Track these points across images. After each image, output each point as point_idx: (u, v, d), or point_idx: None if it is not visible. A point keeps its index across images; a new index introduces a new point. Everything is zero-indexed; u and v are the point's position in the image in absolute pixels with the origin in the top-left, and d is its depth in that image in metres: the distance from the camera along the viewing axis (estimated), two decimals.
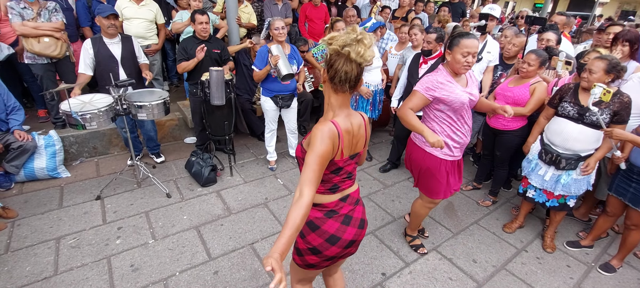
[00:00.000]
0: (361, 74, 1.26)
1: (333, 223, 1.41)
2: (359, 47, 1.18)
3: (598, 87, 2.09)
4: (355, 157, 1.43)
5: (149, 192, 3.21)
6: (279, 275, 0.95)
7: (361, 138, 1.40)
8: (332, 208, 1.41)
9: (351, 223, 1.45)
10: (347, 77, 1.22)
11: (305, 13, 5.23)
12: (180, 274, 2.33)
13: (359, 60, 1.20)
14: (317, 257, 1.44)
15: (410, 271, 2.49)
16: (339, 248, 1.42)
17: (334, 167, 1.35)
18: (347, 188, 1.45)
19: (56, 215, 2.84)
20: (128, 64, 3.25)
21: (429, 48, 3.15)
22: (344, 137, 1.30)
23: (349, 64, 1.21)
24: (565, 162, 2.39)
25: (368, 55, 1.20)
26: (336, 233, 1.41)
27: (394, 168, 3.94)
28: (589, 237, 2.80)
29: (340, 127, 1.28)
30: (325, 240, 1.40)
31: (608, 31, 3.23)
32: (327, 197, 1.41)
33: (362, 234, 1.51)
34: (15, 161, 3.08)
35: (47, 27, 3.30)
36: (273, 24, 3.22)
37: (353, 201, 1.48)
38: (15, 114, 3.10)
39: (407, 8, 5.75)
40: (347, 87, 1.25)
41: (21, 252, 2.45)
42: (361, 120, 1.40)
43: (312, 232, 1.42)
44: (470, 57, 1.94)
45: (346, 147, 1.33)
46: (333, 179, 1.39)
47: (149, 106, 2.89)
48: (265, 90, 3.43)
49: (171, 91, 5.26)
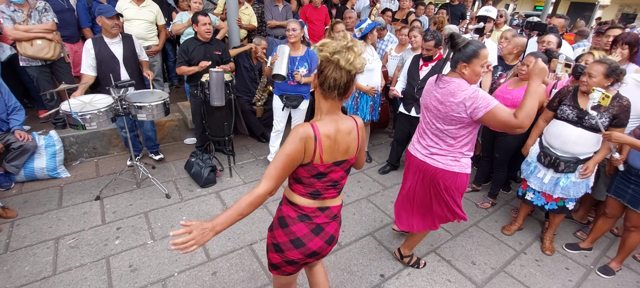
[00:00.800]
0: (351, 82, 1.25)
1: (303, 227, 1.41)
2: (348, 54, 1.18)
3: (597, 91, 2.09)
4: (344, 164, 1.39)
5: (148, 192, 3.22)
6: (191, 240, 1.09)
7: (351, 144, 1.37)
8: (307, 213, 1.41)
9: (320, 235, 1.44)
10: (336, 83, 1.22)
11: (305, 15, 5.24)
12: (178, 275, 2.33)
13: (349, 67, 1.20)
14: (279, 257, 1.45)
15: (408, 273, 2.49)
16: (301, 255, 1.42)
17: (315, 171, 1.33)
18: (329, 198, 1.43)
19: (55, 215, 2.85)
20: (130, 63, 3.26)
21: (429, 54, 3.16)
22: (322, 141, 1.28)
23: (338, 71, 1.20)
24: (564, 165, 2.39)
25: (358, 62, 1.20)
26: (302, 238, 1.41)
27: (394, 169, 3.94)
28: (588, 240, 2.80)
29: (318, 130, 1.27)
30: (289, 240, 1.41)
31: (608, 34, 3.24)
32: (306, 201, 1.40)
33: (328, 250, 1.50)
34: (16, 161, 3.09)
35: (38, 28, 3.28)
36: (288, 24, 3.23)
37: (331, 215, 1.46)
38: (16, 114, 3.10)
39: (407, 10, 5.77)
40: (335, 93, 1.25)
41: (20, 251, 2.45)
42: (353, 125, 1.37)
43: (280, 228, 1.43)
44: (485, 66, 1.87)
45: (326, 151, 1.30)
46: (315, 184, 1.37)
47: (149, 107, 2.90)
48: (276, 88, 3.46)
49: (171, 92, 5.28)
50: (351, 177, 3.73)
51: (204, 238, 1.14)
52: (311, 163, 1.31)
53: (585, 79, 2.26)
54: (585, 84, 2.26)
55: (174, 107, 4.47)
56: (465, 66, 1.82)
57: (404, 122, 3.54)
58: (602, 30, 3.59)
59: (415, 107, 3.34)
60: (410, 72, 3.34)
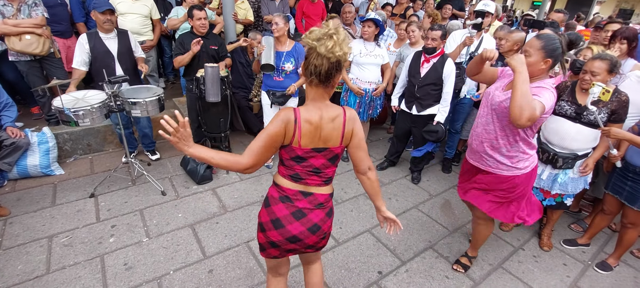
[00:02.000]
0: (333, 69, 1.27)
1: (283, 208, 1.44)
2: (328, 41, 1.21)
3: (597, 86, 2.06)
4: (325, 152, 1.39)
5: (143, 189, 3.18)
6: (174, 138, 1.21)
7: (334, 132, 1.37)
8: (288, 195, 1.44)
9: (302, 220, 1.44)
10: (317, 70, 1.26)
11: (302, 9, 5.19)
12: (174, 273, 2.31)
13: (328, 54, 1.22)
14: (263, 236, 1.49)
15: (406, 269, 2.48)
16: (280, 237, 1.44)
17: (293, 154, 1.37)
18: (312, 185, 1.44)
19: (49, 213, 2.81)
20: (124, 59, 3.21)
21: (434, 45, 3.09)
22: (302, 125, 1.32)
23: (320, 58, 1.24)
24: (562, 161, 2.38)
25: (337, 50, 1.22)
26: (282, 219, 1.43)
27: (392, 166, 3.92)
28: (585, 236, 2.80)
29: (300, 115, 1.32)
30: (271, 220, 1.45)
31: (606, 29, 3.22)
32: (288, 182, 1.43)
33: (311, 239, 1.47)
34: (8, 158, 3.03)
35: (27, 23, 3.20)
36: (271, 19, 3.19)
37: (315, 202, 1.45)
38: (8, 111, 3.04)
39: (405, 5, 5.72)
40: (316, 80, 1.29)
41: (13, 250, 2.41)
42: (338, 112, 1.37)
43: (264, 207, 1.49)
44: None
45: (305, 136, 1.33)
46: (294, 167, 1.40)
47: (143, 103, 2.85)
48: (263, 83, 3.42)
49: (167, 88, 5.22)
50: (348, 173, 3.71)
51: (180, 144, 1.23)
52: (290, 146, 1.36)
53: (588, 77, 2.22)
54: (588, 81, 2.22)
55: (169, 103, 4.42)
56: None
57: (405, 119, 3.49)
58: (600, 25, 3.57)
59: (416, 105, 3.30)
60: (411, 69, 3.28)
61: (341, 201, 3.21)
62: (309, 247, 1.51)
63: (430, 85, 3.17)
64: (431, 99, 3.23)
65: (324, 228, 1.51)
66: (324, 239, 1.56)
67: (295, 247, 1.48)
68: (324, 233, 1.53)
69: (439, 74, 3.11)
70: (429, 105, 3.25)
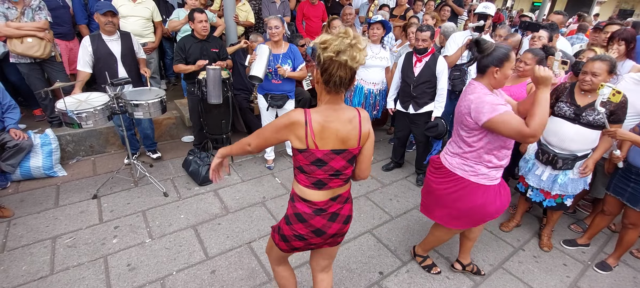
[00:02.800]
0: (354, 77, 1.29)
1: (320, 220, 1.47)
2: (353, 52, 1.19)
3: (607, 87, 2.06)
4: (345, 154, 1.38)
5: (146, 191, 3.20)
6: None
7: (351, 132, 1.35)
8: (320, 207, 1.45)
9: (337, 219, 1.51)
10: (342, 81, 1.25)
11: (302, 11, 5.21)
12: (177, 273, 2.33)
13: (355, 66, 1.22)
14: (302, 243, 1.53)
15: (407, 270, 2.49)
16: (321, 240, 1.53)
17: (313, 158, 1.36)
18: (335, 187, 1.45)
19: (52, 214, 2.83)
20: (127, 61, 3.24)
21: (425, 46, 3.16)
22: (314, 126, 1.31)
23: (344, 69, 1.22)
24: (562, 162, 2.39)
25: (362, 58, 1.22)
26: (322, 228, 1.48)
27: (397, 167, 3.94)
28: (585, 236, 2.81)
29: (310, 115, 1.31)
30: (311, 231, 1.49)
31: (606, 30, 3.24)
32: (315, 193, 1.43)
33: (346, 228, 1.57)
34: (11, 160, 3.06)
35: (29, 27, 3.23)
36: (269, 22, 3.19)
37: (342, 200, 1.52)
38: (11, 113, 3.07)
39: (405, 7, 5.74)
40: (342, 89, 1.29)
41: (17, 251, 2.43)
42: (354, 114, 1.37)
43: (299, 223, 1.48)
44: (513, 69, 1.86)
45: (319, 136, 1.32)
46: (315, 172, 1.39)
47: (145, 105, 2.87)
48: (259, 87, 3.44)
49: (169, 89, 5.24)
50: None
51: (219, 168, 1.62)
52: (307, 150, 1.34)
53: (589, 78, 2.23)
54: (589, 83, 2.24)
55: (171, 104, 4.44)
56: (497, 70, 1.81)
57: (403, 120, 3.53)
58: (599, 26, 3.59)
59: (412, 105, 3.33)
60: (404, 69, 3.33)
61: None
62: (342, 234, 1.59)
63: (425, 84, 3.24)
64: (427, 96, 3.29)
65: (351, 214, 1.60)
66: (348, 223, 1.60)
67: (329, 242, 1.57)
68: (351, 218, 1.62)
69: (433, 71, 3.18)
70: (425, 103, 3.31)
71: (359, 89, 3.72)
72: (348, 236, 2.78)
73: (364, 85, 3.67)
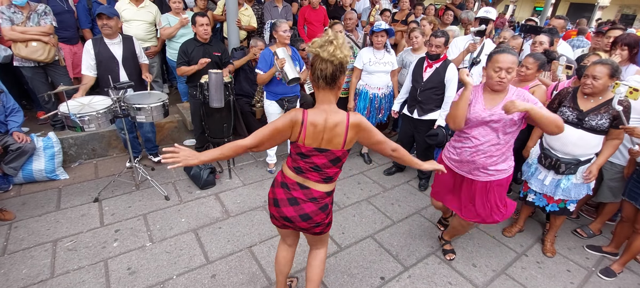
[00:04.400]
0: (337, 72, 1.40)
1: (282, 193, 1.65)
2: (329, 47, 1.36)
3: (622, 85, 2.04)
4: (327, 154, 1.52)
5: (147, 194, 3.20)
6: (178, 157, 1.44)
7: (335, 138, 1.49)
8: (287, 183, 1.63)
9: (295, 207, 1.62)
10: (322, 74, 1.40)
11: (304, 16, 5.23)
12: (177, 278, 2.32)
13: (331, 58, 1.37)
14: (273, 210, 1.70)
15: (409, 275, 2.47)
16: (277, 214, 1.67)
17: (298, 150, 1.54)
18: (311, 180, 1.59)
19: (54, 218, 2.83)
20: (129, 64, 3.25)
21: (438, 52, 3.12)
22: (307, 127, 1.47)
23: (324, 63, 1.38)
24: (564, 166, 2.38)
25: (338, 53, 1.36)
26: (280, 201, 1.65)
27: (399, 171, 3.93)
28: (611, 245, 2.78)
29: (307, 116, 1.47)
30: (272, 199, 1.69)
31: (608, 35, 3.23)
32: (290, 172, 1.63)
33: (302, 224, 1.64)
34: (14, 163, 3.07)
35: (34, 31, 3.26)
36: (280, 26, 3.18)
37: (309, 195, 1.61)
38: (14, 116, 3.08)
39: (406, 11, 5.76)
40: (323, 83, 1.43)
41: (18, 254, 2.43)
42: (341, 119, 1.48)
43: (271, 187, 1.72)
44: (503, 73, 1.91)
45: (309, 136, 1.48)
46: (298, 161, 1.58)
47: (148, 108, 2.88)
48: (269, 93, 3.41)
49: (171, 93, 5.26)
50: (351, 179, 3.72)
51: (189, 160, 1.42)
52: (296, 143, 1.54)
53: (590, 82, 2.23)
54: (590, 86, 2.23)
55: (173, 108, 4.45)
56: (484, 70, 2.04)
57: (408, 124, 3.51)
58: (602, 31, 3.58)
59: (417, 109, 3.31)
60: (414, 74, 3.31)
61: (343, 206, 3.21)
62: (302, 229, 1.69)
63: (432, 89, 3.20)
64: (433, 103, 3.25)
65: (316, 219, 1.64)
66: (317, 227, 1.68)
67: (289, 225, 1.68)
68: (316, 223, 1.65)
69: (441, 78, 3.14)
70: (430, 110, 3.27)
71: (364, 93, 3.72)
72: (349, 241, 2.76)
73: (369, 90, 3.67)
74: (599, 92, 2.25)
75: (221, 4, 4.68)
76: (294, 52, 3.39)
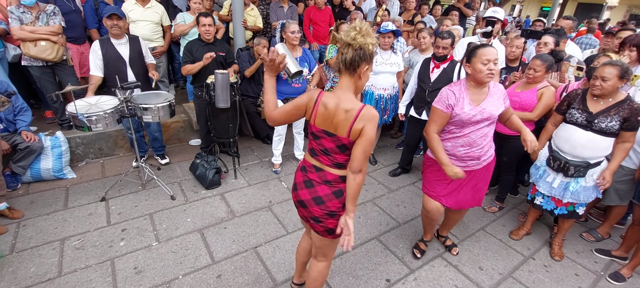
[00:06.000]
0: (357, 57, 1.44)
1: (300, 176, 1.71)
2: (352, 32, 1.44)
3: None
4: (334, 139, 1.53)
5: (153, 194, 3.22)
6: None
7: (342, 123, 1.49)
8: (305, 165, 1.69)
9: (310, 190, 1.64)
10: (343, 57, 1.47)
11: (309, 16, 5.23)
12: (183, 277, 2.32)
13: (351, 41, 1.43)
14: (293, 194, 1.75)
15: (415, 278, 2.46)
16: (294, 198, 1.73)
17: (311, 130, 1.62)
18: (323, 164, 1.61)
19: (61, 216, 2.86)
20: (136, 64, 3.28)
21: (445, 53, 3.11)
22: (319, 107, 1.54)
23: (345, 47, 1.46)
24: (573, 169, 2.35)
25: (360, 38, 1.41)
26: (297, 185, 1.71)
27: (405, 173, 3.91)
28: (621, 249, 2.74)
29: (321, 97, 1.54)
30: (293, 185, 1.75)
31: (618, 36, 3.19)
32: (307, 155, 1.69)
33: (316, 210, 1.62)
34: (22, 162, 3.10)
35: (43, 30, 3.29)
36: (288, 27, 3.18)
37: (323, 178, 1.62)
38: (23, 115, 3.12)
39: (412, 11, 5.73)
40: (343, 67, 1.48)
41: (26, 252, 2.46)
42: (354, 107, 1.47)
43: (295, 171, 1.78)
44: (491, 64, 1.95)
45: (320, 116, 1.54)
46: (312, 142, 1.65)
47: (155, 108, 2.90)
48: (279, 92, 3.41)
49: (177, 93, 5.29)
50: None
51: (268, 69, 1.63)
52: (309, 122, 1.61)
53: (599, 83, 2.20)
54: (599, 88, 2.20)
55: (179, 108, 4.48)
56: (468, 66, 2.05)
57: (415, 126, 3.49)
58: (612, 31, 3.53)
59: (426, 110, 3.30)
60: (421, 75, 3.29)
61: None
62: (314, 218, 1.65)
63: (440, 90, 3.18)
64: None
65: (329, 205, 1.61)
66: (330, 218, 1.62)
67: (304, 212, 1.70)
68: (329, 210, 1.61)
69: (450, 77, 3.13)
70: None
71: (369, 94, 3.70)
72: (355, 242, 2.76)
73: (374, 91, 3.65)
74: (608, 94, 2.22)
75: (227, 4, 4.69)
76: (305, 52, 3.37)
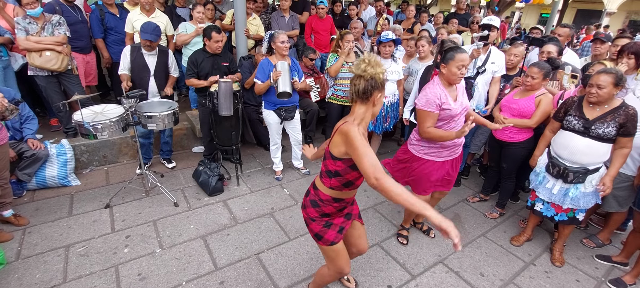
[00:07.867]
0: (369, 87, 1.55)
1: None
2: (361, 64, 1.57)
3: None
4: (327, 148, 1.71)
5: (157, 201, 3.25)
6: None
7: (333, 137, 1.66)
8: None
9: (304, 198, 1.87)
10: (356, 88, 1.59)
11: (311, 25, 5.30)
12: (186, 284, 2.35)
13: (362, 73, 1.55)
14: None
15: (416, 284, 2.47)
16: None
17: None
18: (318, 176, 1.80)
19: (66, 223, 2.89)
20: (160, 76, 3.46)
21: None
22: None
23: (357, 79, 1.58)
24: (573, 175, 2.38)
25: (369, 69, 1.53)
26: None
27: None
28: (621, 255, 2.75)
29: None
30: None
31: (615, 43, 3.22)
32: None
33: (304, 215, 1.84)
34: (28, 169, 3.15)
35: (49, 41, 3.36)
36: (278, 37, 3.23)
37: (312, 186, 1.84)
38: (29, 123, 3.18)
39: (412, 20, 5.81)
40: (356, 96, 1.59)
41: (31, 259, 2.49)
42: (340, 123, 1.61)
43: None
44: (464, 69, 2.17)
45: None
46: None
47: (159, 116, 2.95)
48: (267, 103, 3.47)
49: (180, 101, 5.34)
50: None
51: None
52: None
53: (595, 91, 2.24)
54: (595, 95, 2.24)
55: (182, 115, 4.52)
56: (444, 66, 2.21)
57: None
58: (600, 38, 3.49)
59: None
60: (423, 82, 3.33)
61: None
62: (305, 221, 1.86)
63: None
64: None
65: (309, 211, 1.78)
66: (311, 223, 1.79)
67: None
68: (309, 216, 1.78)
69: None
70: None
71: None
72: None
73: None
74: (604, 101, 2.25)
75: (230, 13, 4.77)
76: (294, 62, 3.44)
